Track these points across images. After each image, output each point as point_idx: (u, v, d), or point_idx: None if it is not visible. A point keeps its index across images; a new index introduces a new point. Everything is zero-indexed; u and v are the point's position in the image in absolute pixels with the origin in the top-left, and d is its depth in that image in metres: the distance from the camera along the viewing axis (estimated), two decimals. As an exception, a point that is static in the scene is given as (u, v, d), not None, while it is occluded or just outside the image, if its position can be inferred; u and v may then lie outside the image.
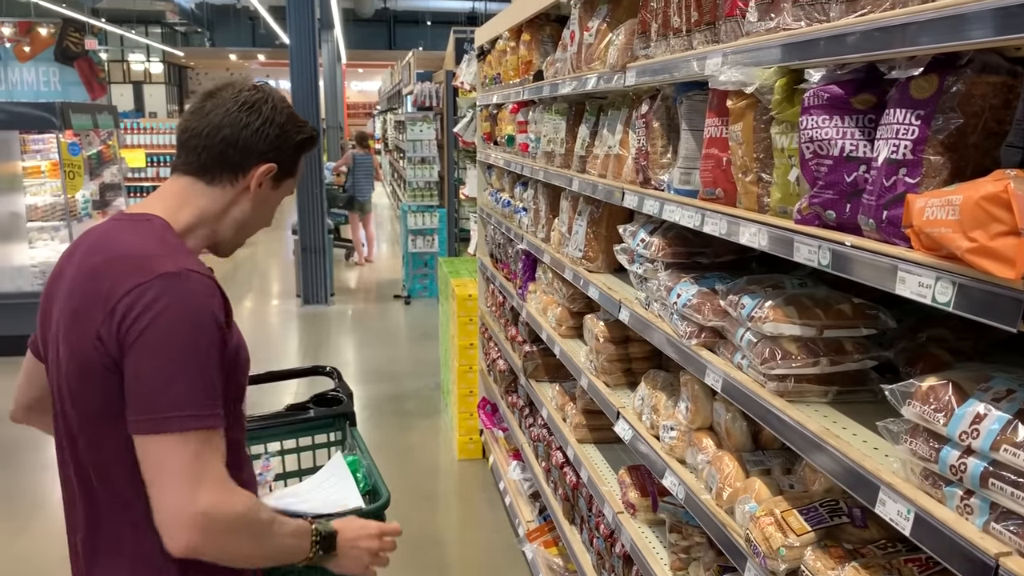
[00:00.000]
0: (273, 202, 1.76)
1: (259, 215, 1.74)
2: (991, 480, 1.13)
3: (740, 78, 1.68)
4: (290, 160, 1.75)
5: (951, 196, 1.13)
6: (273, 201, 1.76)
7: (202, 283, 1.50)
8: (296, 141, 1.75)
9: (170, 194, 1.67)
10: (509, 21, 4.29)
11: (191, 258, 1.56)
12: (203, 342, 1.46)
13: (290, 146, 1.73)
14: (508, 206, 4.63)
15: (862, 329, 1.73)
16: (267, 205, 1.75)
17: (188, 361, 1.44)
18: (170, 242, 1.58)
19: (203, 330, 1.46)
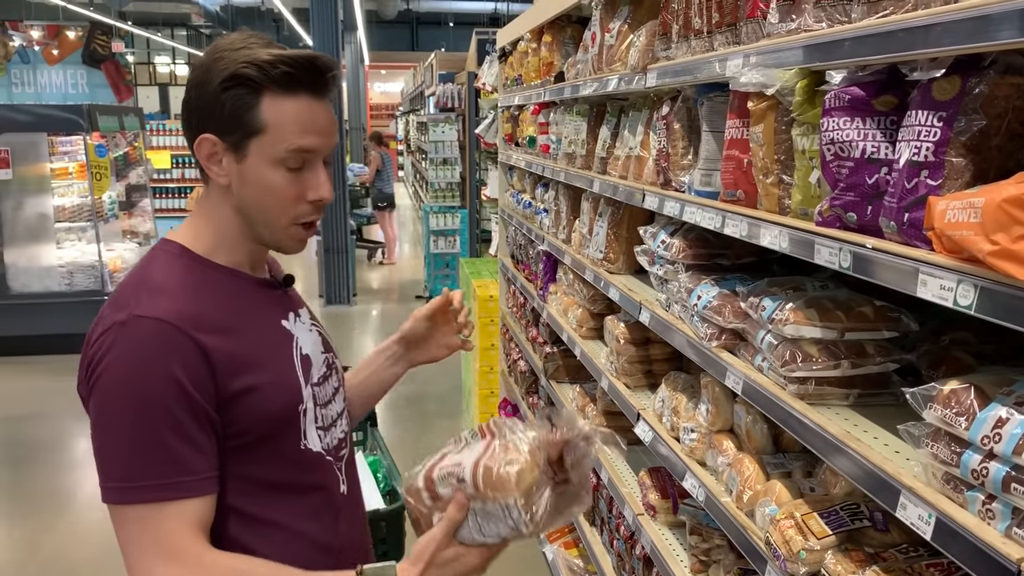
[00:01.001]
0: (265, 178, 1.37)
1: (259, 201, 1.39)
2: (1013, 485, 1.12)
3: (761, 80, 1.68)
4: (224, 116, 1.34)
5: (973, 199, 1.12)
6: (261, 177, 1.37)
7: (151, 332, 1.28)
8: (216, 87, 1.33)
9: (196, 208, 1.50)
10: (531, 23, 4.30)
11: (166, 297, 1.33)
12: (149, 403, 1.26)
13: (213, 99, 1.34)
14: (529, 207, 4.63)
15: (884, 332, 1.72)
16: (258, 186, 1.37)
17: (129, 426, 1.27)
18: (155, 277, 1.38)
19: (149, 388, 1.26)
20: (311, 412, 1.47)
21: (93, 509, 4.87)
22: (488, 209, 9.26)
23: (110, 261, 8.23)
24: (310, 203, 1.42)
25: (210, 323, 1.35)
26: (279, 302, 1.54)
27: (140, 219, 10.01)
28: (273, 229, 1.43)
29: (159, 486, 1.27)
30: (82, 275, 7.95)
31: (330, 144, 1.42)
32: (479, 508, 1.34)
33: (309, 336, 1.55)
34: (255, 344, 1.41)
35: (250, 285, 1.49)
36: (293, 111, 1.36)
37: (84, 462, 5.62)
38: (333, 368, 1.61)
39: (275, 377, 1.42)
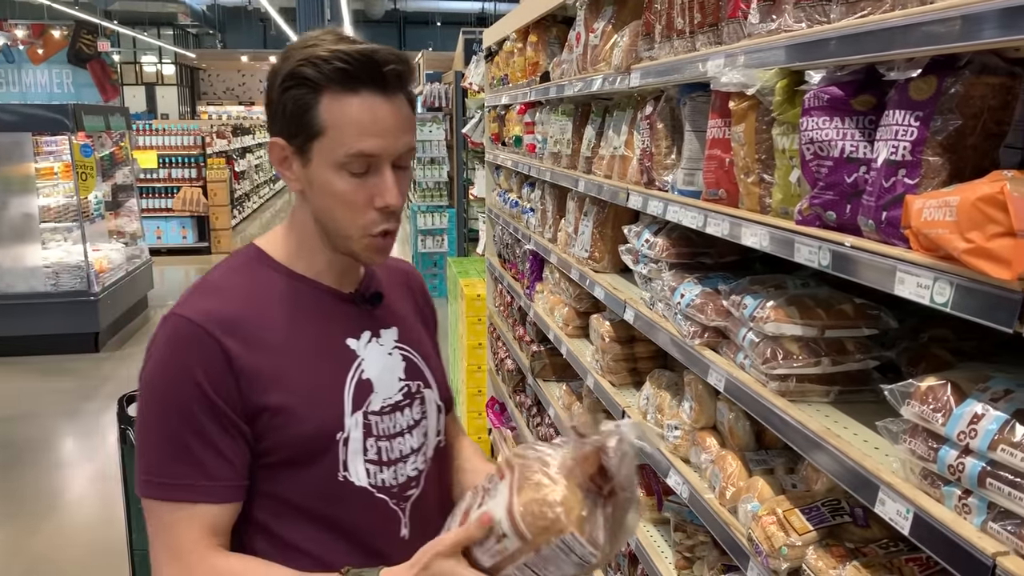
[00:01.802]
0: (329, 184, 1.28)
1: (327, 209, 1.31)
2: (989, 480, 1.13)
3: (741, 79, 1.69)
4: (287, 118, 1.28)
5: (948, 197, 1.13)
6: (326, 182, 1.29)
7: (180, 332, 1.27)
8: (278, 87, 1.27)
9: (288, 213, 1.45)
10: (516, 22, 4.31)
11: (208, 298, 1.32)
12: (173, 403, 1.26)
13: (277, 100, 1.28)
14: (516, 206, 4.64)
15: (864, 329, 1.73)
16: (324, 192, 1.30)
17: (154, 423, 1.28)
18: (214, 277, 1.37)
19: (173, 389, 1.26)
20: (357, 443, 1.34)
21: (80, 510, 4.85)
22: (475, 208, 9.26)
23: (96, 261, 8.19)
24: (378, 211, 1.29)
25: (246, 330, 1.29)
26: (355, 319, 1.41)
27: (127, 219, 9.97)
28: (345, 239, 1.33)
29: (177, 486, 1.26)
30: (68, 275, 7.91)
31: (397, 146, 1.29)
32: (533, 560, 1.15)
33: (384, 360, 1.41)
34: (296, 360, 1.32)
35: (324, 297, 1.39)
36: (352, 111, 1.25)
37: (71, 463, 5.59)
38: (416, 399, 1.44)
39: (309, 398, 1.31)
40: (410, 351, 1.47)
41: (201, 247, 13.08)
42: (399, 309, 1.50)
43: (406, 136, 1.30)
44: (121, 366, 7.38)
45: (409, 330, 1.49)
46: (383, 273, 1.52)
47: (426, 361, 1.49)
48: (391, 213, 1.31)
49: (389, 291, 1.50)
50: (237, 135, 16.61)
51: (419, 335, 1.52)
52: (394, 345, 1.45)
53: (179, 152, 13.38)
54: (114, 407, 2.52)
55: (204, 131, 14.07)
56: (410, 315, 1.54)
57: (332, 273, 1.41)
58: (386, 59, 1.26)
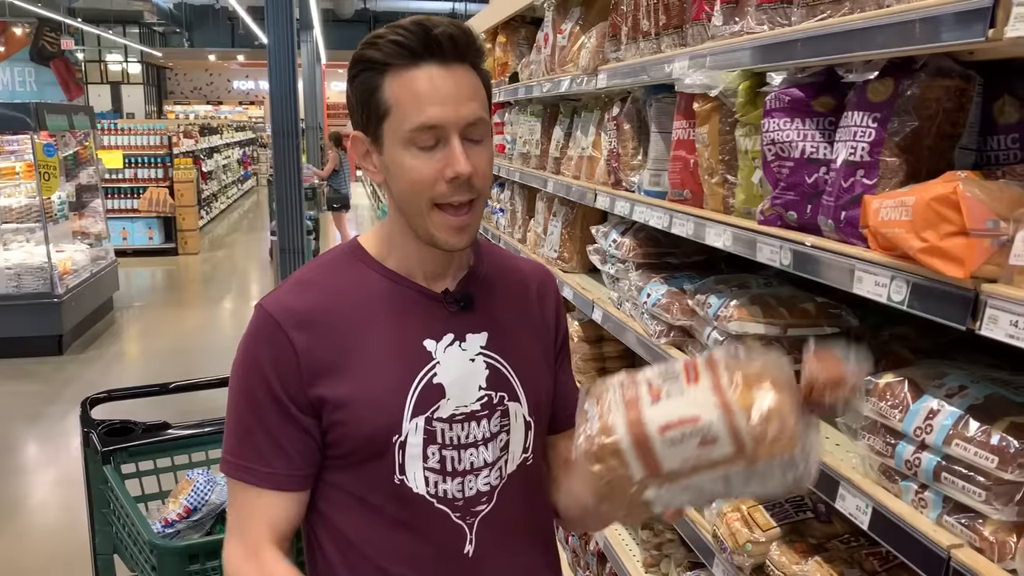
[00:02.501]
0: (401, 164, 1.25)
1: (402, 192, 1.28)
2: (944, 474, 1.16)
3: (705, 81, 1.71)
4: (358, 107, 1.28)
5: (904, 197, 1.16)
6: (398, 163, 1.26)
7: (258, 322, 1.31)
8: (350, 76, 1.29)
9: None
10: (485, 23, 4.31)
11: (289, 290, 1.34)
12: (243, 389, 1.31)
13: (350, 91, 1.30)
14: (486, 206, 4.64)
15: (826, 328, 1.76)
16: (398, 174, 1.27)
17: (231, 406, 1.33)
18: (306, 269, 1.39)
19: (244, 375, 1.31)
20: (416, 448, 1.30)
21: (42, 515, 4.78)
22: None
23: (60, 263, 8.05)
24: (448, 183, 1.23)
25: (320, 324, 1.29)
26: (440, 320, 1.35)
27: (91, 220, 9.82)
28: (420, 220, 1.28)
29: (241, 467, 1.31)
30: (31, 277, 7.77)
31: (461, 114, 1.23)
32: (738, 473, 1.03)
33: (464, 365, 1.34)
34: (364, 357, 1.30)
35: (409, 294, 1.35)
36: (410, 84, 1.22)
37: (32, 468, 5.50)
38: (497, 410, 1.36)
39: (369, 397, 1.29)
40: (498, 359, 1.37)
41: (168, 248, 12.92)
42: (499, 313, 1.40)
43: (471, 104, 1.24)
44: (85, 369, 7.27)
45: (503, 337, 1.38)
46: (495, 273, 1.44)
47: (518, 372, 1.38)
48: (464, 185, 1.24)
49: (495, 293, 1.42)
50: (204, 135, 16.42)
51: (519, 344, 1.41)
52: (479, 351, 1.36)
53: (145, 152, 13.21)
54: (77, 411, 2.48)
55: (171, 131, 13.90)
56: (514, 321, 1.42)
57: (425, 269, 1.36)
58: (440, 27, 1.23)
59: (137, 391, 2.58)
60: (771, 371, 1.05)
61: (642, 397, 1.06)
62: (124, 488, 2.19)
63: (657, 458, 1.02)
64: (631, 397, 1.07)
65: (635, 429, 1.03)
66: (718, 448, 1.00)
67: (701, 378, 1.05)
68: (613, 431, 1.04)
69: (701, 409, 1.01)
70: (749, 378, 1.03)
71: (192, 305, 9.96)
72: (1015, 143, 1.31)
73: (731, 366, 1.06)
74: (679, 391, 1.05)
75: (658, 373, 1.10)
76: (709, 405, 1.01)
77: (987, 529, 1.10)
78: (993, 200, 1.06)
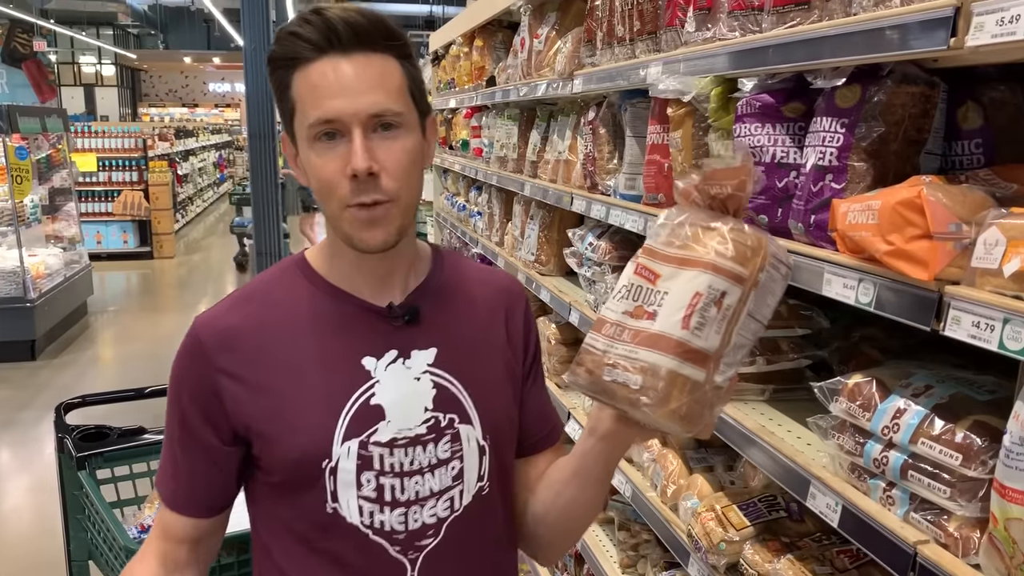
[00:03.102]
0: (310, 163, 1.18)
1: (316, 190, 1.20)
2: (910, 472, 1.18)
3: (678, 87, 1.73)
4: (278, 104, 1.22)
5: (871, 201, 1.18)
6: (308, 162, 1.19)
7: (187, 342, 1.25)
8: (269, 76, 1.21)
9: None
10: (462, 27, 4.33)
11: (222, 305, 1.28)
12: (168, 400, 1.28)
13: (271, 86, 1.22)
14: (463, 210, 4.65)
15: (797, 329, 1.79)
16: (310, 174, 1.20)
17: (165, 428, 1.30)
18: (250, 283, 1.32)
19: (170, 389, 1.27)
20: (348, 474, 1.19)
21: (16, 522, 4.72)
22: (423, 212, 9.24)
23: (32, 267, 7.96)
24: (350, 180, 1.14)
25: (248, 343, 1.22)
26: (382, 335, 1.24)
27: (65, 223, 9.72)
28: (336, 223, 1.19)
29: (159, 476, 1.32)
30: (3, 281, 7.68)
31: (359, 105, 1.13)
32: (755, 300, 1.06)
33: (407, 385, 1.23)
34: (295, 377, 1.21)
35: (348, 309, 1.25)
36: (310, 78, 1.15)
37: (6, 474, 5.44)
38: (446, 434, 1.24)
39: (298, 420, 1.20)
40: (447, 378, 1.26)
41: (143, 252, 12.81)
42: (453, 328, 1.30)
43: (374, 94, 1.14)
44: (59, 374, 7.19)
45: (456, 353, 1.28)
46: (454, 285, 1.34)
47: (471, 391, 1.27)
48: (368, 183, 1.14)
49: (451, 306, 1.32)
50: (180, 138, 16.30)
51: (475, 361, 1.30)
52: (425, 369, 1.25)
53: (120, 155, 13.09)
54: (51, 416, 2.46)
55: (146, 133, 13.78)
56: (471, 337, 1.31)
57: (366, 281, 1.26)
58: (339, 15, 1.14)
59: (112, 396, 2.57)
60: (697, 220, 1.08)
61: (642, 326, 1.05)
62: (99, 494, 2.18)
63: (702, 349, 1.02)
64: (636, 333, 1.05)
65: (668, 345, 1.02)
66: (730, 296, 1.02)
67: (659, 269, 1.07)
68: (658, 366, 1.01)
69: (691, 285, 1.03)
70: (692, 230, 1.07)
71: (167, 309, 9.88)
72: (978, 148, 1.34)
73: (670, 237, 1.08)
74: (659, 293, 1.05)
75: (619, 302, 1.09)
76: (693, 277, 1.03)
77: (952, 525, 1.12)
78: (956, 204, 1.09)
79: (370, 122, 1.14)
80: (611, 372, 1.04)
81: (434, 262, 1.35)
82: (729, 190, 1.06)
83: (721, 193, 1.06)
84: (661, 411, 1.01)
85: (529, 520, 1.38)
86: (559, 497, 1.33)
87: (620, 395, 1.04)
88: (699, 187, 1.09)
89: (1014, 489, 0.98)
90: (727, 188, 1.06)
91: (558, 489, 1.32)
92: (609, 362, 1.04)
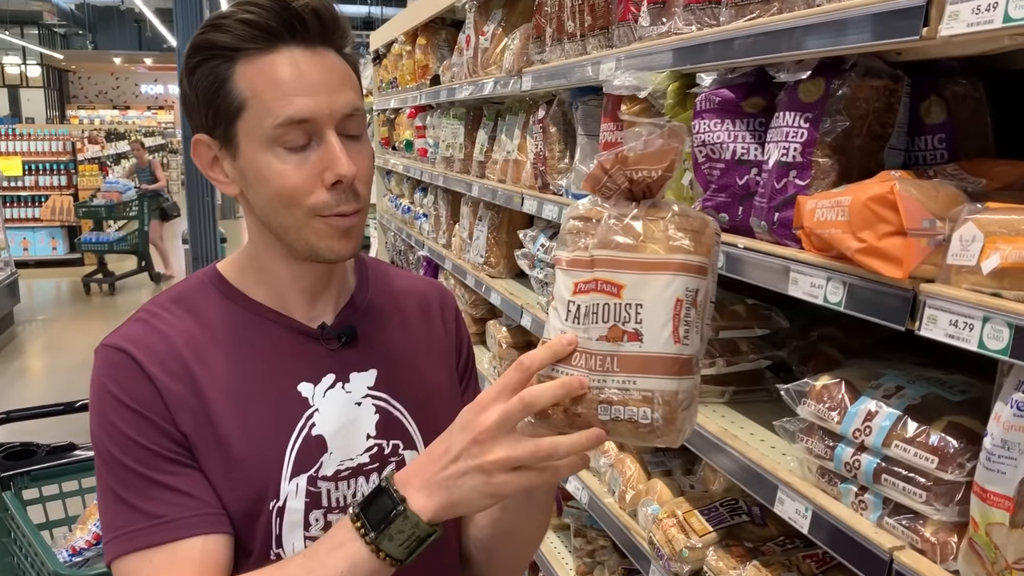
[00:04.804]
0: (264, 169, 1.04)
1: (268, 203, 1.06)
2: (884, 476, 1.15)
3: (633, 83, 1.68)
4: (201, 103, 1.06)
5: (840, 197, 1.15)
6: (260, 168, 1.04)
7: (106, 362, 1.08)
8: (188, 69, 1.07)
9: None
10: (404, 25, 4.24)
11: (140, 324, 1.11)
12: (107, 436, 1.04)
13: (188, 86, 1.07)
14: (408, 212, 4.56)
15: (756, 329, 1.76)
16: (260, 182, 1.05)
17: (104, 476, 1.06)
18: (153, 305, 1.14)
19: (107, 419, 1.05)
20: (296, 514, 1.09)
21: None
22: (366, 215, 9.11)
23: (-46, 275, 7.62)
24: (329, 189, 1.04)
25: (172, 365, 1.07)
26: (317, 359, 1.14)
27: (-12, 230, 9.33)
28: (298, 233, 1.06)
29: (142, 531, 1.03)
30: (-79, 291, 7.33)
31: (334, 104, 1.03)
32: (712, 282, 0.96)
33: (348, 411, 1.14)
34: (229, 409, 1.08)
35: (277, 330, 1.13)
36: (271, 71, 1.02)
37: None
38: (389, 462, 1.15)
39: (240, 456, 1.06)
40: (389, 401, 1.17)
41: (73, 259, 12.35)
42: (391, 345, 1.21)
43: (345, 93, 1.05)
44: (-16, 387, 6.89)
45: (396, 373, 1.19)
46: (384, 299, 1.25)
47: (415, 414, 1.19)
48: (348, 191, 1.05)
49: (385, 322, 1.22)
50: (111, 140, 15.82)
51: (417, 380, 1.21)
52: (366, 392, 1.16)
53: (47, 158, 12.62)
54: (-27, 433, 2.32)
55: (75, 136, 13.32)
56: (410, 352, 1.23)
57: (298, 298, 1.15)
58: (304, 4, 1.03)
59: (39, 411, 2.43)
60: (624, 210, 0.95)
61: (629, 351, 0.91)
62: (26, 515, 2.06)
63: (691, 356, 0.93)
64: (625, 360, 0.92)
65: (665, 366, 0.91)
66: (701, 292, 0.93)
67: (620, 278, 0.92)
68: (662, 390, 0.91)
69: (668, 292, 0.91)
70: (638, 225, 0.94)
71: (100, 318, 9.53)
72: (941, 143, 1.32)
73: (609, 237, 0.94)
74: (631, 307, 0.92)
75: (583, 326, 0.93)
76: (667, 283, 0.91)
77: (928, 530, 1.09)
78: (929, 199, 1.06)
79: (342, 124, 1.05)
80: (608, 410, 0.91)
81: (359, 274, 1.25)
82: (658, 173, 0.93)
83: (648, 177, 0.94)
84: (669, 436, 0.92)
85: (471, 547, 1.27)
86: (498, 524, 1.20)
87: (622, 431, 0.93)
88: (620, 172, 0.95)
89: (995, 493, 0.95)
90: (655, 172, 0.93)
91: (495, 515, 1.20)
92: (604, 399, 0.91)
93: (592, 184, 0.98)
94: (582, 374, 0.92)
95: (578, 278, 0.94)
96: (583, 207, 0.99)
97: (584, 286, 0.94)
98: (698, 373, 0.95)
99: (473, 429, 0.90)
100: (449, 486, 0.92)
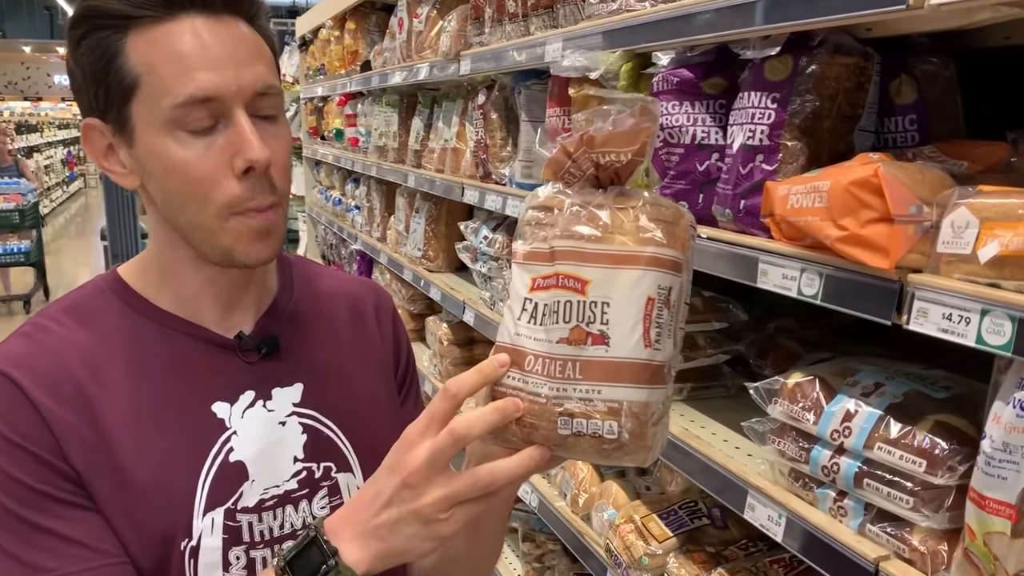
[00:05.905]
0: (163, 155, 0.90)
1: (169, 195, 0.94)
2: (866, 480, 1.07)
3: (584, 63, 1.58)
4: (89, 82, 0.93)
5: (817, 182, 1.06)
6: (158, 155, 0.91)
7: None
8: (73, 42, 0.93)
9: None
10: (332, 9, 4.07)
11: (26, 340, 0.96)
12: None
13: (77, 58, 0.93)
14: (339, 204, 4.40)
15: (714, 323, 1.68)
16: (159, 171, 0.92)
17: None
18: (45, 316, 1.00)
19: None
20: (213, 553, 0.95)
21: None
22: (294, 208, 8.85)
23: None
24: (240, 178, 0.91)
25: (60, 391, 0.92)
26: (234, 373, 1.01)
27: None
28: (208, 232, 0.93)
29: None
30: None
31: (243, 79, 0.90)
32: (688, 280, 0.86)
33: (271, 432, 1.01)
34: (129, 435, 0.93)
35: (187, 343, 1.00)
36: (168, 42, 0.88)
37: None
38: (321, 487, 1.03)
39: (143, 488, 0.92)
40: (318, 418, 1.05)
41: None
42: (320, 355, 1.08)
43: (256, 67, 0.92)
44: None
45: (326, 386, 1.06)
46: (310, 302, 1.11)
47: (348, 432, 1.06)
48: (262, 179, 0.92)
49: (312, 329, 1.09)
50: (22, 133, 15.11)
51: (350, 393, 1.09)
52: (292, 410, 1.03)
53: (-48, 152, 11.96)
54: None
55: (-18, 129, 12.67)
56: (342, 362, 1.10)
57: (211, 305, 1.01)
58: None
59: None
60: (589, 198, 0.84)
61: (593, 355, 0.81)
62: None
63: (663, 363, 0.82)
64: (588, 365, 0.81)
65: (634, 374, 0.80)
66: (674, 290, 0.82)
67: (585, 273, 0.82)
68: (630, 401, 0.80)
69: (638, 290, 0.80)
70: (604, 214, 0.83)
71: (15, 320, 9.07)
72: (912, 124, 1.25)
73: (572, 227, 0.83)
74: (597, 305, 0.81)
75: (542, 327, 0.82)
76: (637, 280, 0.81)
77: (915, 538, 1.02)
78: (915, 183, 0.98)
79: (253, 103, 0.91)
80: (568, 423, 0.80)
81: (282, 275, 1.11)
82: (627, 157, 0.83)
83: (616, 162, 0.83)
84: (637, 453, 0.81)
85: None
86: (444, 553, 1.03)
87: (585, 447, 0.81)
88: (585, 156, 0.84)
89: (995, 500, 0.88)
90: (624, 155, 0.83)
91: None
92: (563, 410, 0.80)
93: (554, 170, 0.87)
94: (540, 381, 0.81)
95: (536, 272, 0.83)
96: (543, 195, 0.87)
97: (543, 281, 0.83)
98: (671, 384, 0.84)
99: (402, 471, 0.80)
100: (383, 535, 0.81)
